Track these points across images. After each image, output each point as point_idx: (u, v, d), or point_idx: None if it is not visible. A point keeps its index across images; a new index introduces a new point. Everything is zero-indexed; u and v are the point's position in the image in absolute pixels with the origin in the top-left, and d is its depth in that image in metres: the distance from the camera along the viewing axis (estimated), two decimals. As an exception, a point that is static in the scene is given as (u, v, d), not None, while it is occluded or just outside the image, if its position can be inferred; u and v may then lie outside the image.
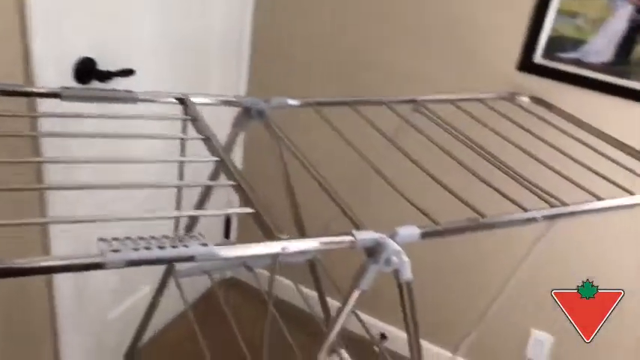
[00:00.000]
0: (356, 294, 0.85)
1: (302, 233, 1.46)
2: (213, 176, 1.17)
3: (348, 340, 1.55)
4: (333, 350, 1.52)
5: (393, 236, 0.85)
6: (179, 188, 1.07)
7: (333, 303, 1.64)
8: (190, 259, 0.71)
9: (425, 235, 0.88)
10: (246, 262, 1.41)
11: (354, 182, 1.37)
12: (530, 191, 1.04)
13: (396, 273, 0.87)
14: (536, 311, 1.84)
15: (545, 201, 1.01)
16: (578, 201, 1.04)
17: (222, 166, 0.94)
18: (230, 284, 2.29)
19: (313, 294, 1.59)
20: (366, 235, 0.83)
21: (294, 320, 1.39)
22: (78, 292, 1.60)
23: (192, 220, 1.28)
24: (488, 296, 1.11)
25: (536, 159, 1.19)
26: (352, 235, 0.81)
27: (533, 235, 1.10)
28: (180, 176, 1.06)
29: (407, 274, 0.87)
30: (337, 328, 0.87)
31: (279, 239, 0.78)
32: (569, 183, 1.11)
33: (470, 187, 1.02)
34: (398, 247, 0.83)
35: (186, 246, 0.71)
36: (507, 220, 0.96)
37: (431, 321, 1.90)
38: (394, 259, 0.83)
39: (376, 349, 2.19)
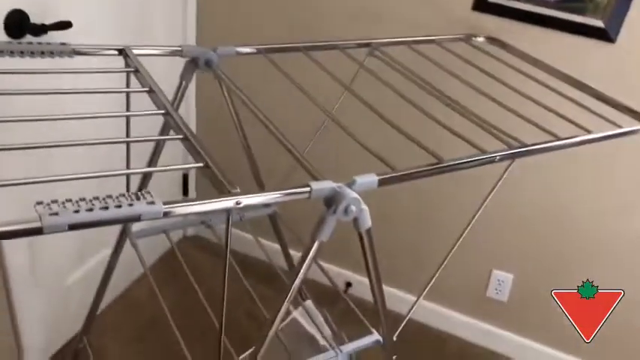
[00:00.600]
0: (316, 245, 0.83)
1: (261, 187, 1.43)
2: (163, 132, 1.11)
3: (315, 289, 1.56)
4: (297, 302, 1.52)
5: (350, 185, 0.82)
6: (127, 145, 1.01)
7: (296, 256, 1.63)
8: (136, 218, 0.67)
9: (383, 182, 0.85)
10: (205, 220, 1.37)
11: (310, 132, 1.33)
12: (489, 133, 1.02)
13: (356, 222, 0.85)
14: (496, 252, 1.88)
15: (504, 142, 1.00)
16: (538, 141, 1.03)
17: (170, 120, 0.89)
18: (193, 241, 2.26)
19: (277, 248, 1.57)
20: (322, 185, 0.80)
21: (260, 275, 1.37)
22: (32, 260, 1.54)
23: (144, 179, 1.23)
24: (449, 239, 1.10)
25: (494, 100, 1.17)
26: (309, 186, 0.79)
27: (493, 178, 1.10)
28: (127, 133, 1.01)
29: (366, 222, 0.85)
30: (299, 279, 0.85)
31: (231, 194, 0.75)
32: (527, 124, 1.10)
33: (428, 132, 1.00)
34: (356, 196, 0.81)
35: (131, 205, 0.66)
36: (466, 161, 0.94)
37: (393, 267, 1.92)
38: (353, 207, 0.81)
39: (343, 296, 2.22)
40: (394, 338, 1.10)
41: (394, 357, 1.13)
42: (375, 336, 1.14)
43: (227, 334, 0.93)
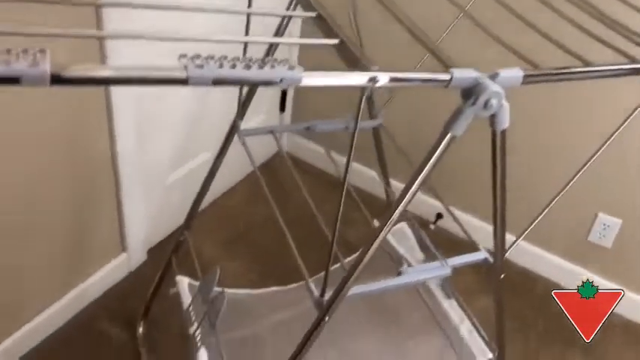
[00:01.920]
0: (448, 138, 0.78)
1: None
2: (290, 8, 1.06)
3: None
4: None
5: (493, 77, 0.76)
6: (247, 17, 0.97)
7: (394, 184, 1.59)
8: (277, 81, 0.64)
9: (528, 79, 0.79)
10: (311, 125, 1.35)
11: (439, 25, 1.24)
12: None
13: (493, 119, 0.79)
14: (605, 194, 1.76)
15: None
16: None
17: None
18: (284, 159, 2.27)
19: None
20: (465, 74, 0.74)
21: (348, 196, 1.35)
22: (139, 154, 1.59)
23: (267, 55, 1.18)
24: (558, 179, 1.03)
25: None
26: (450, 74, 0.73)
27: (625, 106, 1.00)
28: (249, 3, 0.96)
29: (505, 120, 0.79)
30: (421, 178, 0.81)
31: (369, 69, 0.71)
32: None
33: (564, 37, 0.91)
34: (499, 89, 0.75)
35: (273, 67, 0.64)
36: (618, 68, 0.85)
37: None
38: (493, 102, 0.75)
39: (431, 227, 2.18)
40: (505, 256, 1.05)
41: (502, 276, 1.08)
42: (483, 254, 1.09)
43: (318, 248, 0.92)
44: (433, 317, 1.50)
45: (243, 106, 1.22)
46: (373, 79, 0.69)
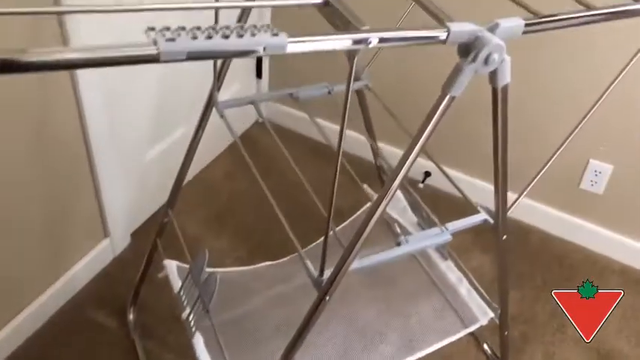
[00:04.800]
0: (447, 100, 0.72)
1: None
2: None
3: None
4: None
5: (492, 29, 0.70)
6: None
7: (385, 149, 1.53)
8: (259, 51, 0.57)
9: (529, 28, 0.73)
10: (293, 92, 1.28)
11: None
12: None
13: (493, 75, 0.73)
14: (595, 140, 1.72)
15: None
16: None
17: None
18: (264, 127, 2.19)
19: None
20: (462, 27, 0.68)
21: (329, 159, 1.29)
22: (112, 133, 1.51)
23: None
24: (548, 127, 0.98)
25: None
26: (446, 28, 0.67)
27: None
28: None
29: (506, 76, 0.74)
30: (422, 141, 0.75)
31: (360, 30, 0.64)
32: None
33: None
34: (500, 42, 0.69)
35: (254, 35, 0.57)
36: (626, 9, 0.79)
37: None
38: (495, 56, 0.69)
39: (420, 186, 2.14)
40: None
41: (504, 237, 1.04)
42: (483, 215, 1.05)
43: (305, 218, 0.86)
44: (431, 280, 1.47)
45: (219, 76, 1.15)
46: (364, 41, 0.63)
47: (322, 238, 0.82)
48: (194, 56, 0.55)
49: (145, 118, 1.66)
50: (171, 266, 1.35)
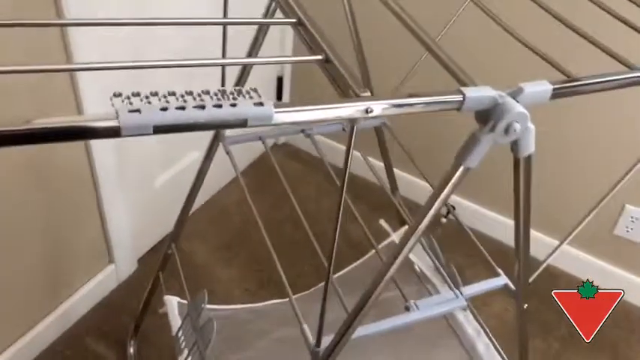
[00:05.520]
0: (460, 171, 0.64)
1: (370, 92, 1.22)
2: (267, 14, 0.91)
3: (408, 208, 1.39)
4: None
5: (515, 95, 0.61)
6: (224, 27, 0.83)
7: (400, 175, 1.45)
8: (241, 124, 0.50)
9: (558, 93, 0.64)
10: (305, 128, 1.20)
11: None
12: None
13: (515, 145, 0.64)
14: (632, 184, 1.60)
15: None
16: None
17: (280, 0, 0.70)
18: (283, 149, 2.12)
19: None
20: (480, 92, 0.59)
21: (354, 191, 1.21)
22: (119, 161, 1.46)
23: (242, 74, 1.04)
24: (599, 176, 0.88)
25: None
26: (461, 93, 0.58)
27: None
28: (225, 12, 0.82)
29: (530, 146, 0.65)
30: (435, 208, 0.67)
31: (360, 98, 0.56)
32: None
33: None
34: (523, 110, 0.60)
35: (234, 105, 0.50)
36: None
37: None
38: (517, 126, 0.60)
39: (443, 220, 2.04)
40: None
41: (525, 306, 0.95)
42: (503, 279, 0.96)
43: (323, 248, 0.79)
44: (452, 331, 1.37)
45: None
46: (363, 111, 0.55)
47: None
48: (163, 130, 0.48)
49: (156, 142, 1.60)
50: (172, 303, 1.29)
